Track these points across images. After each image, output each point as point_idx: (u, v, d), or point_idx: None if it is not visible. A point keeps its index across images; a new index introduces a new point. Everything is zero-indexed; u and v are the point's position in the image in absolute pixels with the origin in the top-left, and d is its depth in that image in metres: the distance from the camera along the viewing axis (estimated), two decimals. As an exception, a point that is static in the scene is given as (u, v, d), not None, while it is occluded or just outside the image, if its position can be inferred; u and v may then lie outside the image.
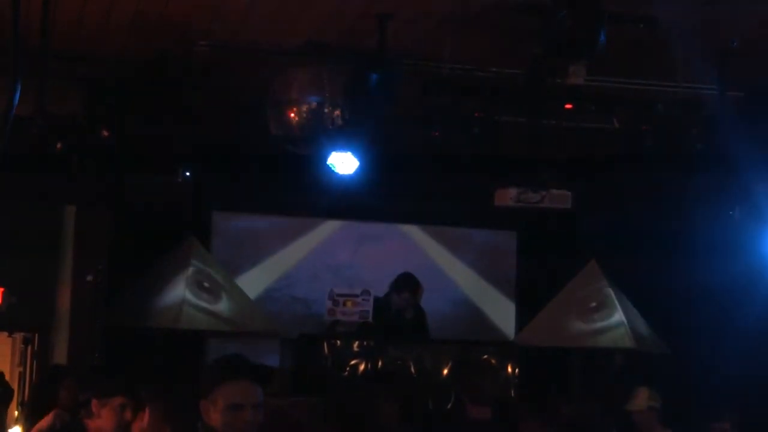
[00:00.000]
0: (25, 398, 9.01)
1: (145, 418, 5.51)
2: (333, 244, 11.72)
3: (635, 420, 7.77)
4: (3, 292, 8.92)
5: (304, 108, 7.21)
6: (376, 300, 10.02)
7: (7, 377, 9.02)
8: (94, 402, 5.46)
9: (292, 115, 7.24)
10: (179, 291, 9.23)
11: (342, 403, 6.15)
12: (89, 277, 9.34)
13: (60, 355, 9.28)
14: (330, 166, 7.92)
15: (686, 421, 7.88)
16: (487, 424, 6.27)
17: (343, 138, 7.48)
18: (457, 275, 12.07)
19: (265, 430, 3.88)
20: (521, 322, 11.29)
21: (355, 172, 7.98)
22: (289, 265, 11.54)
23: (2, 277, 8.92)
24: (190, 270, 9.38)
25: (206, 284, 9.40)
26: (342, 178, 8.04)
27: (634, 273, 10.67)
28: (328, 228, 11.74)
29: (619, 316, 9.86)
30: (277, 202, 11.09)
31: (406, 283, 10.21)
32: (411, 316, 10.26)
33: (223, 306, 9.48)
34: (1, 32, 6.71)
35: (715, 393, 9.21)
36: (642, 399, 7.77)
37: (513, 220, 11.26)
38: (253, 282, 11.11)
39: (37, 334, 9.42)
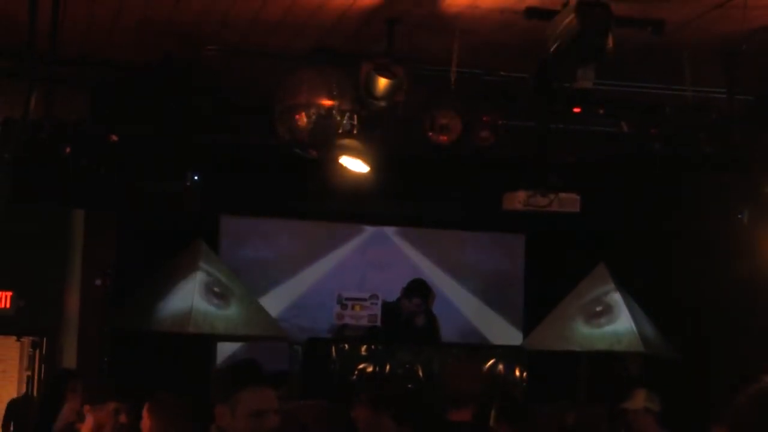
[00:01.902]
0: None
1: (146, 423, 5.49)
2: (341, 250, 11.72)
3: (630, 419, 7.73)
4: (11, 296, 8.92)
5: (312, 112, 7.20)
6: (387, 304, 10.01)
7: (14, 382, 9.02)
8: (86, 407, 5.47)
9: (301, 119, 7.23)
10: (188, 295, 9.22)
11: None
12: (97, 281, 9.32)
13: (68, 359, 9.26)
14: (338, 170, 7.91)
15: (690, 424, 7.85)
16: (463, 427, 6.19)
17: (352, 142, 7.47)
18: (464, 282, 12.03)
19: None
20: (530, 325, 11.27)
21: (363, 176, 7.97)
22: (297, 276, 11.53)
23: (10, 280, 8.91)
24: (199, 274, 9.37)
25: (215, 288, 9.39)
26: (350, 182, 8.02)
27: (642, 276, 10.65)
28: (336, 238, 11.73)
29: (627, 319, 9.84)
30: (285, 206, 11.08)
31: (417, 289, 10.19)
32: (422, 322, 10.25)
33: (232, 310, 9.46)
34: (10, 38, 6.75)
35: (721, 396, 9.18)
36: (639, 399, 7.73)
37: (521, 224, 11.24)
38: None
39: (45, 338, 9.41)
